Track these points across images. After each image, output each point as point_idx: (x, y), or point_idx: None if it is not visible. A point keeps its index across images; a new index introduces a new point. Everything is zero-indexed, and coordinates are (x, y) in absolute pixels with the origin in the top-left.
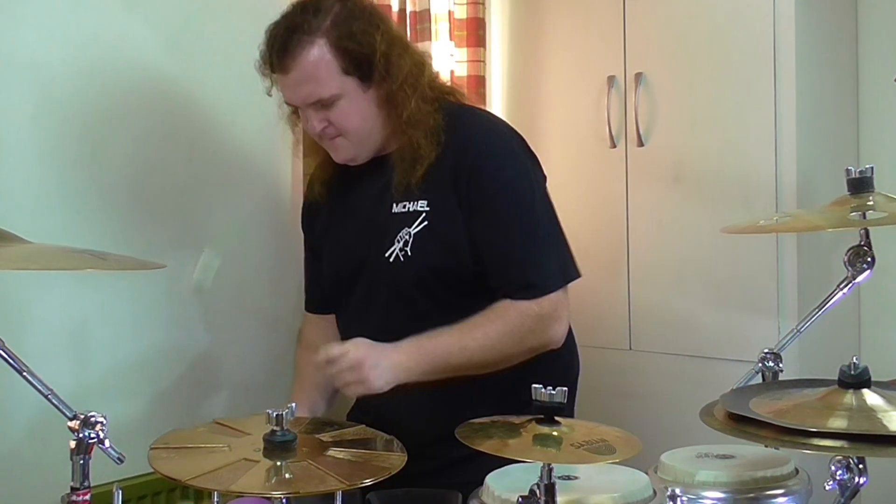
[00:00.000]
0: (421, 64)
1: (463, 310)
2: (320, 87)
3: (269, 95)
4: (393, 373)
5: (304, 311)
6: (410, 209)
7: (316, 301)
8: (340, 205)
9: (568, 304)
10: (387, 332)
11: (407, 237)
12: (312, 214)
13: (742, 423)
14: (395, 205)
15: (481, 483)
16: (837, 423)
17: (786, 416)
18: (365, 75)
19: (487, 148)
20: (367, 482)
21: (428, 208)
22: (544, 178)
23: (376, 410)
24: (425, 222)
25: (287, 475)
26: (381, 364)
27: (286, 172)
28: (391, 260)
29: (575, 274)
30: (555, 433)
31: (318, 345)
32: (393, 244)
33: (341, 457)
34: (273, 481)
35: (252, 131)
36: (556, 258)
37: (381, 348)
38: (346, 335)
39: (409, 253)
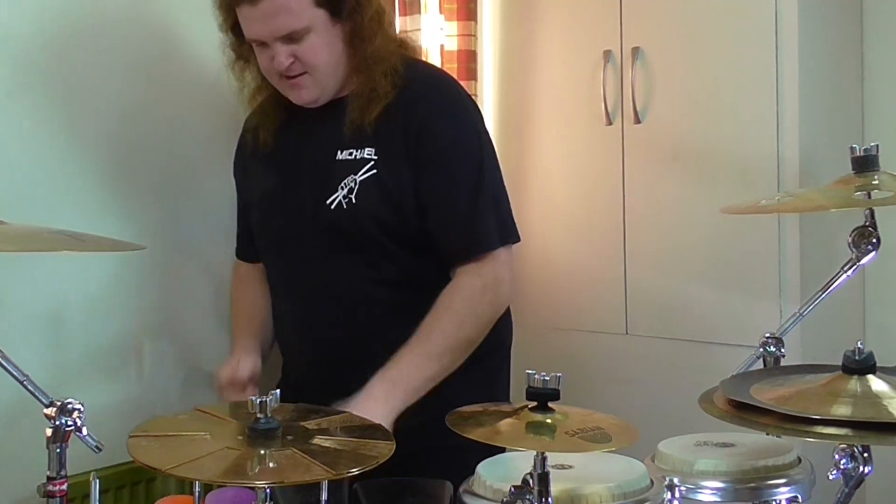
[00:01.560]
0: (383, 6)
1: (408, 262)
2: (293, 18)
3: (223, 33)
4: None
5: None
6: (357, 156)
7: (249, 252)
8: (283, 151)
9: (511, 266)
10: (328, 284)
11: (352, 184)
12: (247, 162)
13: (742, 411)
14: (339, 152)
15: (472, 472)
16: (841, 411)
17: (788, 402)
18: (335, 8)
19: (439, 104)
20: (354, 471)
21: (375, 157)
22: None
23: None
24: (373, 171)
25: (271, 464)
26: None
27: None
28: (332, 207)
29: (515, 237)
30: (548, 420)
31: (256, 282)
32: (336, 191)
33: (327, 445)
34: (256, 470)
35: (236, 109)
36: (497, 219)
37: (361, 409)
38: (279, 287)
39: (354, 201)
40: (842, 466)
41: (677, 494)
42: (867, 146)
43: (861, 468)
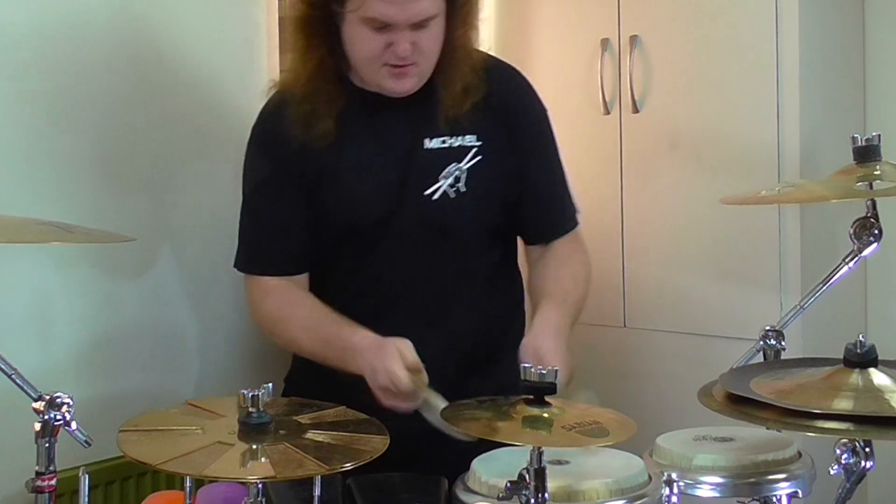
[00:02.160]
0: None
1: (492, 249)
2: (431, 4)
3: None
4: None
5: (250, 277)
6: (455, 144)
7: (292, 259)
8: (351, 142)
9: None
10: (428, 279)
11: (458, 173)
12: (306, 156)
13: (742, 405)
14: (428, 140)
15: (467, 468)
16: (843, 405)
17: (788, 396)
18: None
19: (527, 87)
20: (348, 466)
21: (479, 143)
22: None
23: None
24: (478, 157)
25: (263, 459)
26: (565, 356)
27: None
28: (435, 198)
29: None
30: (545, 415)
31: (309, 295)
32: (438, 181)
33: (320, 440)
34: (248, 465)
35: (229, 95)
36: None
37: (554, 344)
38: (359, 291)
39: (464, 189)
40: (843, 461)
41: (676, 490)
42: (869, 136)
43: (862, 463)
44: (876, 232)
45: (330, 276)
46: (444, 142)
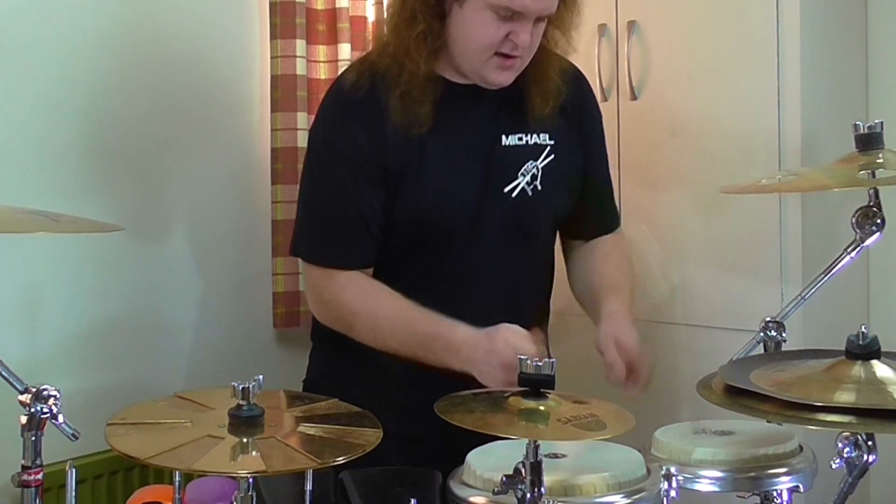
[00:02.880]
0: None
1: (550, 246)
2: (556, 1)
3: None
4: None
5: (319, 268)
6: (530, 142)
7: (368, 253)
8: (441, 132)
9: None
10: (502, 277)
11: (535, 171)
12: (400, 142)
13: (742, 397)
14: (504, 136)
15: (462, 462)
16: (845, 397)
17: (789, 389)
18: None
19: (591, 90)
20: (340, 460)
21: (552, 142)
22: None
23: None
24: (552, 156)
25: (254, 453)
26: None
27: (258, 125)
28: (514, 195)
29: None
30: (541, 407)
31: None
32: (517, 178)
33: (312, 433)
34: (239, 459)
35: (222, 83)
36: None
37: (628, 331)
38: (430, 288)
39: (540, 188)
40: (845, 455)
41: (674, 484)
42: (871, 123)
43: (865, 457)
44: (878, 221)
45: (399, 274)
46: (520, 139)
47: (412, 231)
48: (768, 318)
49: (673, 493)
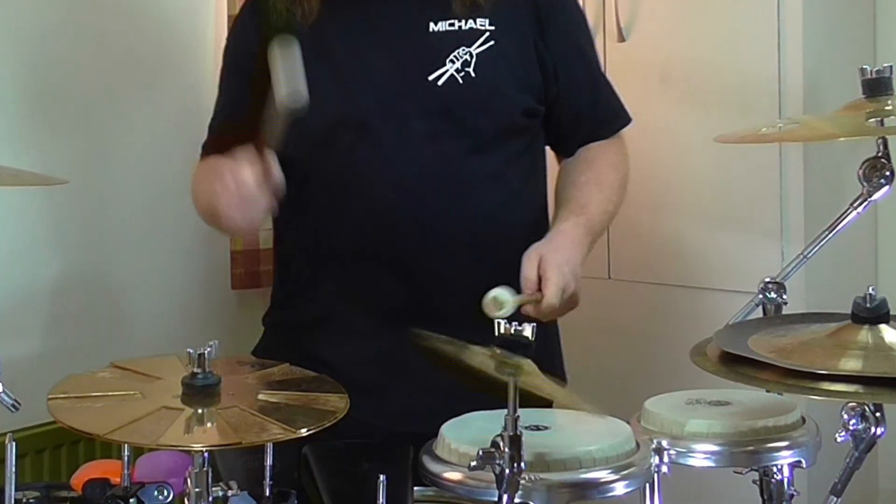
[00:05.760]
0: None
1: (513, 149)
2: None
3: None
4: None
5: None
6: (464, 27)
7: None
8: (339, 24)
9: None
10: (431, 177)
11: (467, 57)
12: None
13: (739, 365)
14: (433, 23)
15: (435, 435)
16: (851, 365)
17: (790, 356)
18: None
19: None
20: (315, 429)
21: (492, 27)
22: None
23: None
24: (491, 42)
25: (220, 424)
26: (576, 272)
27: (212, 69)
28: (441, 83)
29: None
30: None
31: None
32: (444, 65)
33: (275, 400)
34: (206, 432)
35: (175, 29)
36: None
37: (560, 252)
38: (338, 197)
39: (473, 75)
40: (851, 427)
41: (666, 459)
42: (880, 67)
43: (872, 429)
44: (888, 174)
45: (310, 184)
46: (451, 24)
47: (315, 134)
48: (768, 279)
49: (664, 469)
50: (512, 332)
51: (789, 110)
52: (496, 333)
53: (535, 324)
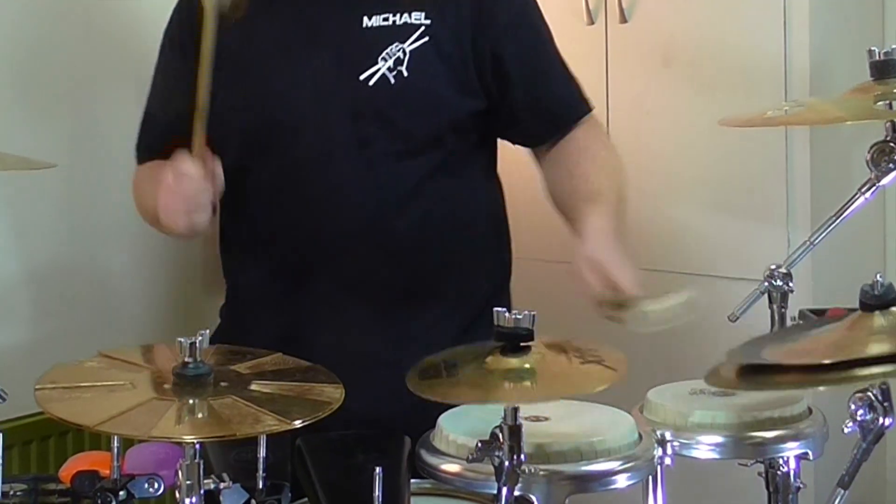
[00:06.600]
0: None
1: (453, 147)
2: None
3: None
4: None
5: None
6: (398, 22)
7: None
8: (268, 19)
9: None
10: (357, 181)
11: (400, 54)
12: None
13: (762, 375)
14: (367, 17)
15: (432, 425)
16: (880, 348)
17: (815, 355)
18: None
19: None
20: (309, 420)
21: (427, 21)
22: None
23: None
24: (425, 38)
25: (213, 415)
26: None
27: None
28: (372, 84)
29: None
30: (526, 365)
31: None
32: (376, 63)
33: (269, 391)
34: (200, 424)
35: (158, 5)
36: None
37: (614, 254)
38: (267, 201)
39: (406, 74)
40: (859, 418)
41: (669, 451)
42: (888, 49)
43: (881, 419)
44: None
45: (248, 185)
46: (386, 19)
47: (240, 138)
48: (773, 267)
49: (668, 461)
50: (512, 322)
51: (795, 93)
52: (496, 325)
53: (535, 313)
